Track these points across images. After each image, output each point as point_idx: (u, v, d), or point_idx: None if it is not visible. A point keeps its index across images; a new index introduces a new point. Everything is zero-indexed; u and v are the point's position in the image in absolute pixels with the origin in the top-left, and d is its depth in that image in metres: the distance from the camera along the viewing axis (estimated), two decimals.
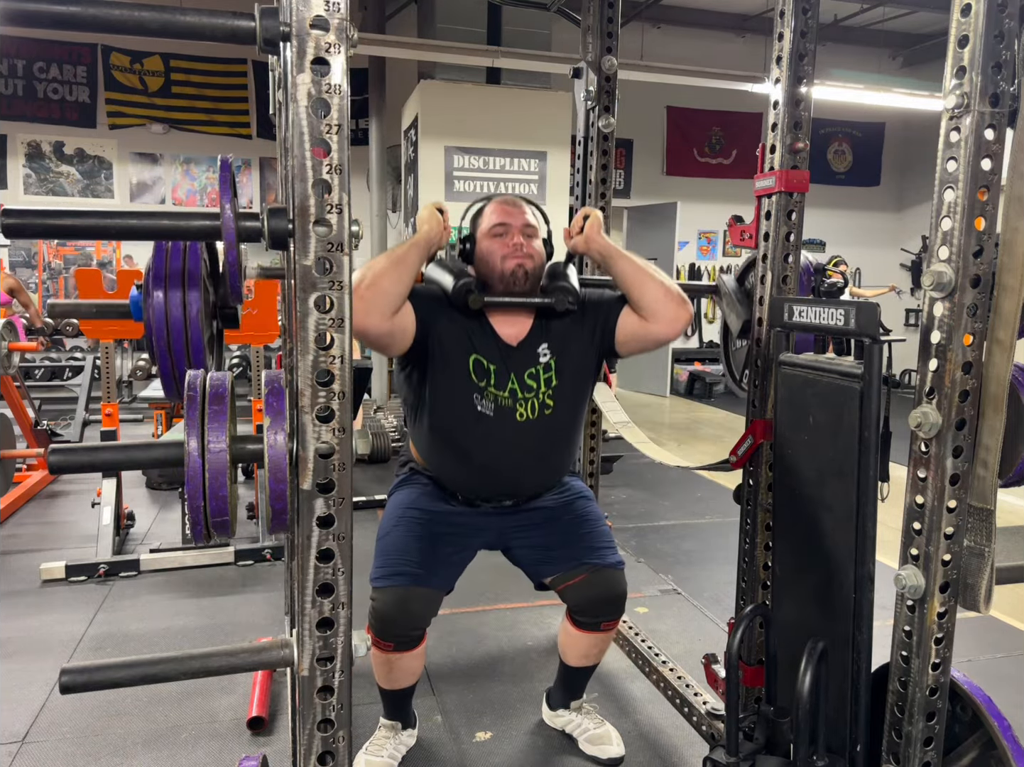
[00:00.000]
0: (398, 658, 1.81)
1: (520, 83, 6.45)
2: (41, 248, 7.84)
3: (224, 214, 0.91)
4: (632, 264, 1.76)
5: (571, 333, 1.80)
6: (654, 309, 1.72)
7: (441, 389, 1.76)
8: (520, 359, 1.77)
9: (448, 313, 1.74)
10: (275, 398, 0.97)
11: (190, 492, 0.94)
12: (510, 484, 1.86)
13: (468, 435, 1.78)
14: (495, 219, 1.79)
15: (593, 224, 1.81)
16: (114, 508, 3.42)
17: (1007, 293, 1.14)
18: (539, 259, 1.80)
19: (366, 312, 1.57)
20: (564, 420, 1.84)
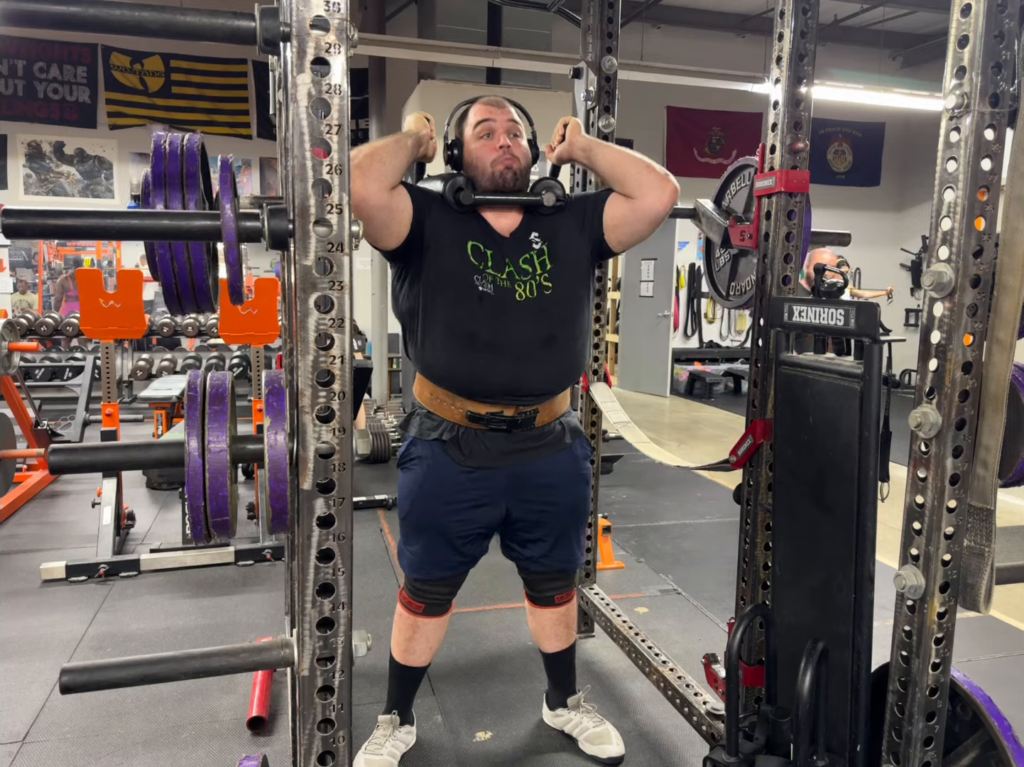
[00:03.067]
0: (425, 623, 1.94)
1: (520, 83, 6.44)
2: (41, 248, 7.84)
3: (224, 214, 0.91)
4: (614, 150, 1.83)
5: (560, 225, 1.85)
6: (638, 182, 1.76)
7: (441, 274, 1.77)
8: (514, 246, 1.81)
9: (442, 208, 1.78)
10: (275, 398, 0.97)
11: (190, 492, 0.94)
12: (517, 370, 1.78)
13: (471, 316, 1.76)
14: (479, 117, 1.83)
15: (573, 128, 1.88)
16: (114, 508, 3.42)
17: (1007, 293, 1.14)
18: (526, 159, 1.86)
19: (364, 179, 1.60)
20: (563, 302, 1.82)
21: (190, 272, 1.05)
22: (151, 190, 1.03)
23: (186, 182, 1.04)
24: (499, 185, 1.80)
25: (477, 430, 1.81)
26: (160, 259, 1.04)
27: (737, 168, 1.95)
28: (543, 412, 1.85)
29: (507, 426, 1.81)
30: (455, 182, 1.77)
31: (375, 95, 7.13)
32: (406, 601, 1.94)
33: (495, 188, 1.80)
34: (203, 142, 1.11)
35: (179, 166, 1.05)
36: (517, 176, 1.82)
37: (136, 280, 3.69)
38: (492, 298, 1.76)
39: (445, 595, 1.95)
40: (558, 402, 1.90)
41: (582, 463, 1.96)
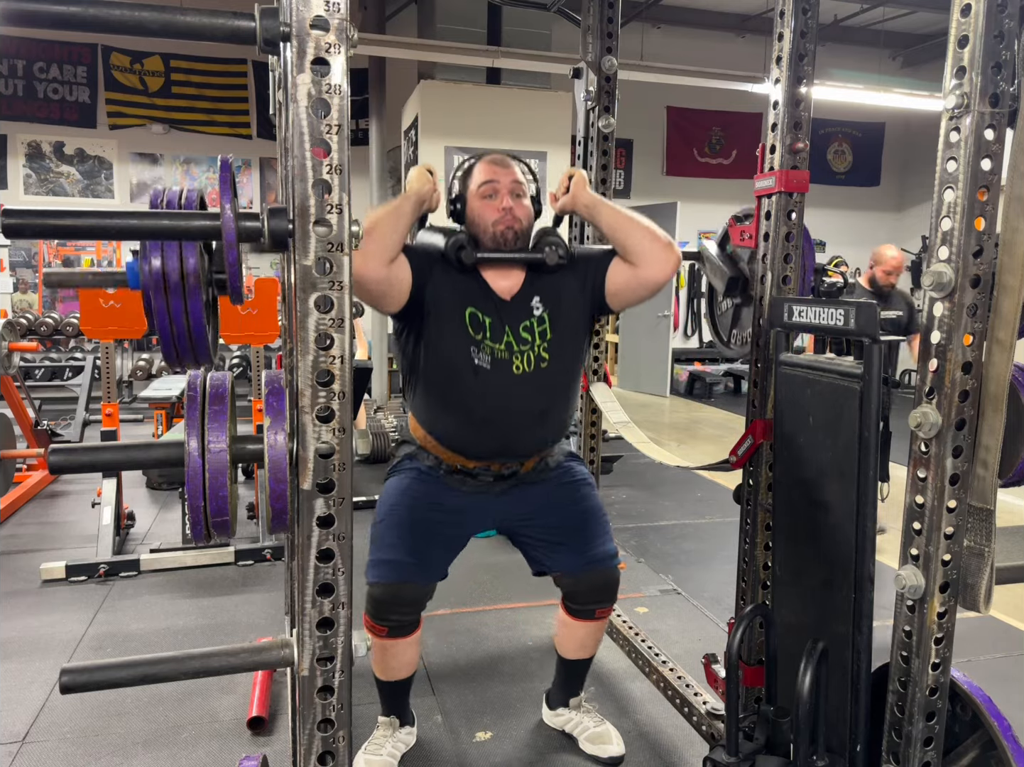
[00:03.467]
0: (392, 644, 1.85)
1: (520, 83, 6.45)
2: (41, 248, 7.84)
3: (224, 214, 0.91)
4: (618, 212, 1.80)
5: (563, 287, 1.83)
6: (641, 251, 1.75)
7: (438, 344, 1.77)
8: (514, 312, 1.79)
9: (442, 268, 1.76)
10: (275, 398, 0.97)
11: (190, 492, 0.94)
12: (509, 439, 1.84)
13: (466, 389, 1.78)
14: (483, 177, 1.81)
15: (578, 181, 1.84)
16: (114, 508, 3.42)
17: (1007, 293, 1.14)
18: (528, 219, 1.83)
19: (362, 258, 1.58)
20: (560, 373, 1.84)
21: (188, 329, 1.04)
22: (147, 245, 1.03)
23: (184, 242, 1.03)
24: (500, 244, 1.78)
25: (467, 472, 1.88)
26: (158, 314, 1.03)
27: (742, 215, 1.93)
28: (530, 462, 1.90)
29: (493, 478, 1.88)
30: (457, 240, 1.75)
31: (375, 95, 7.12)
32: (369, 625, 1.83)
33: (496, 247, 1.79)
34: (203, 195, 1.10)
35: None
36: (519, 236, 1.80)
37: None
38: (488, 372, 1.76)
39: (408, 616, 1.83)
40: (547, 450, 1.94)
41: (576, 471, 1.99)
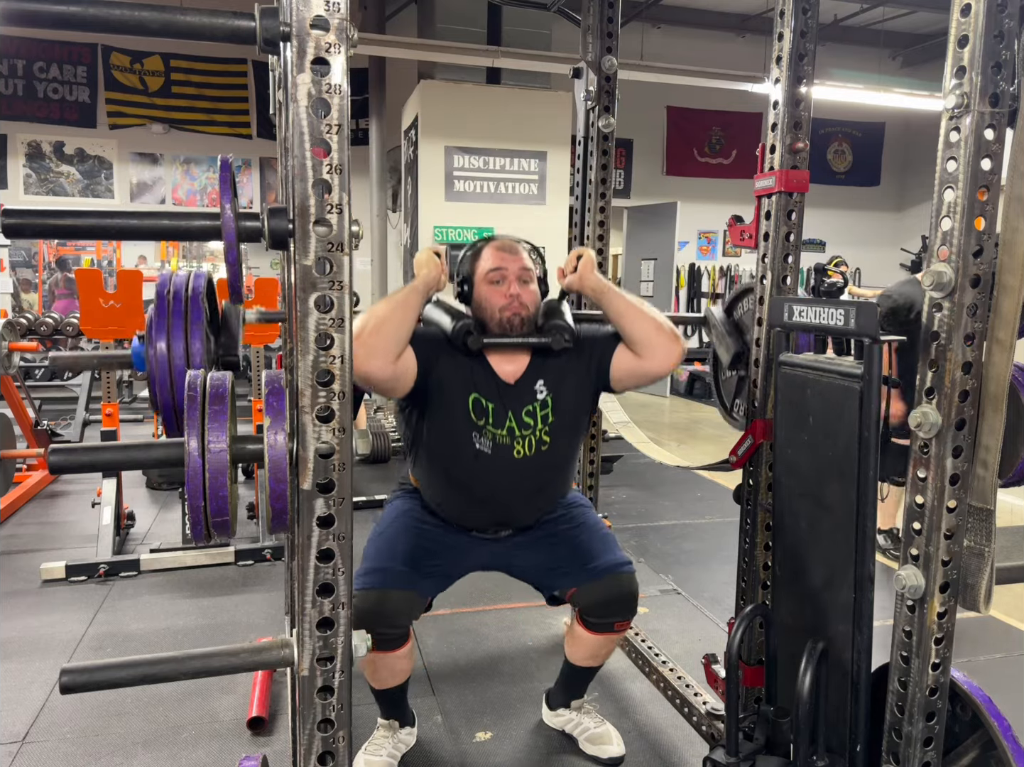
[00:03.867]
0: (380, 657, 1.81)
1: (520, 83, 6.45)
2: (41, 248, 7.85)
3: (224, 214, 0.91)
4: (624, 301, 1.78)
5: (567, 370, 1.83)
6: (647, 344, 1.75)
7: (441, 428, 1.80)
8: (517, 396, 1.80)
9: (447, 353, 1.77)
10: (275, 398, 0.97)
11: (190, 492, 0.94)
12: (507, 516, 1.90)
13: (466, 472, 1.82)
14: (491, 264, 1.80)
15: (586, 263, 1.82)
16: (114, 508, 3.42)
17: (1007, 293, 1.14)
18: (535, 305, 1.83)
19: (369, 357, 1.58)
20: (560, 455, 1.87)
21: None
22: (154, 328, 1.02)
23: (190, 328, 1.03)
24: (507, 330, 1.79)
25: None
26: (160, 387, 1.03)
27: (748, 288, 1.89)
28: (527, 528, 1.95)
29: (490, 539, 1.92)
30: (464, 326, 1.74)
31: (375, 95, 7.13)
32: None
33: (503, 332, 1.79)
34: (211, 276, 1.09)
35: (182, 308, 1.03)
36: (525, 322, 1.79)
37: (136, 280, 3.69)
38: (489, 457, 1.78)
39: (394, 629, 1.77)
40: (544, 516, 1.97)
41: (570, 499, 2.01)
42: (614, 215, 2.52)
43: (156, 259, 8.08)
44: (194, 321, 1.03)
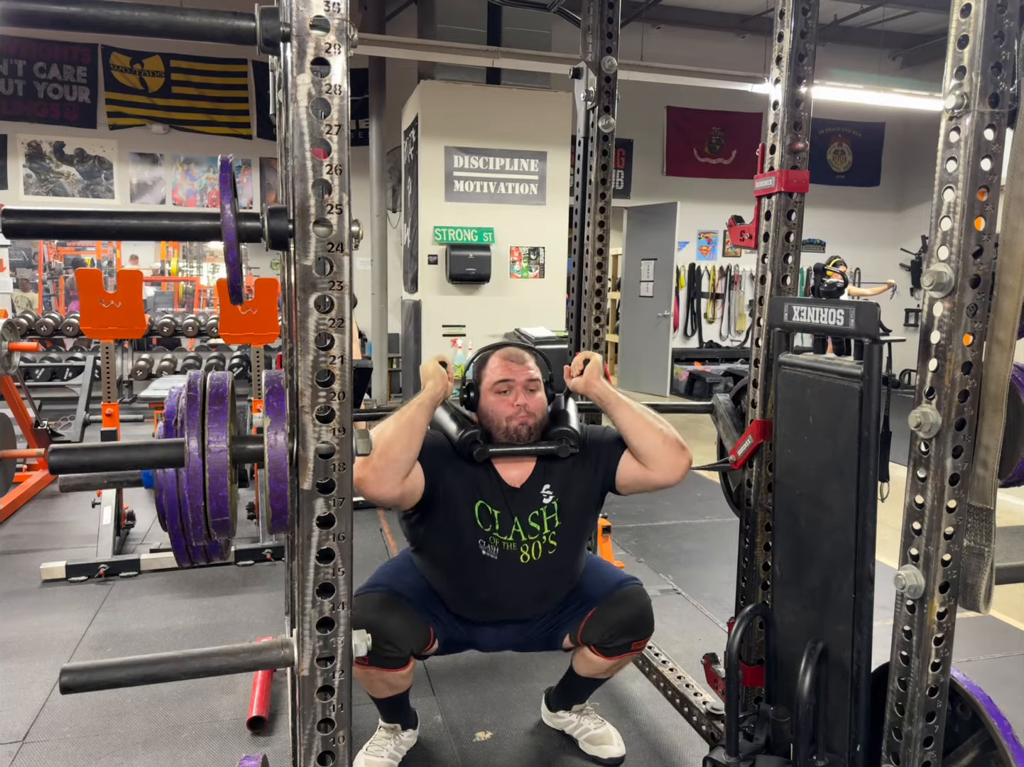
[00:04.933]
0: (378, 673, 1.80)
1: (520, 83, 6.45)
2: (41, 248, 7.84)
3: (224, 214, 0.91)
4: (630, 412, 1.79)
5: (574, 475, 1.83)
6: (652, 456, 1.76)
7: (447, 535, 1.80)
8: (523, 501, 1.80)
9: (453, 462, 1.77)
10: (275, 398, 0.97)
11: (190, 492, 0.94)
12: (512, 615, 1.89)
13: (472, 576, 1.82)
14: (499, 375, 1.81)
15: (592, 369, 1.83)
16: (114, 508, 3.42)
17: (1007, 293, 1.14)
18: (542, 412, 1.83)
19: (379, 482, 1.60)
20: (567, 557, 1.86)
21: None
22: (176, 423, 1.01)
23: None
24: (513, 439, 1.79)
25: None
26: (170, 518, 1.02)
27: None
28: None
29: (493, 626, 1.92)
30: (470, 435, 1.75)
31: (375, 95, 7.12)
32: None
33: (509, 441, 1.79)
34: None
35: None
36: (532, 431, 1.80)
37: (136, 280, 3.68)
38: (495, 563, 1.79)
39: (390, 652, 1.74)
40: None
41: None
42: (614, 215, 2.52)
43: (156, 259, 8.08)
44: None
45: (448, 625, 1.87)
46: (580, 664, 1.98)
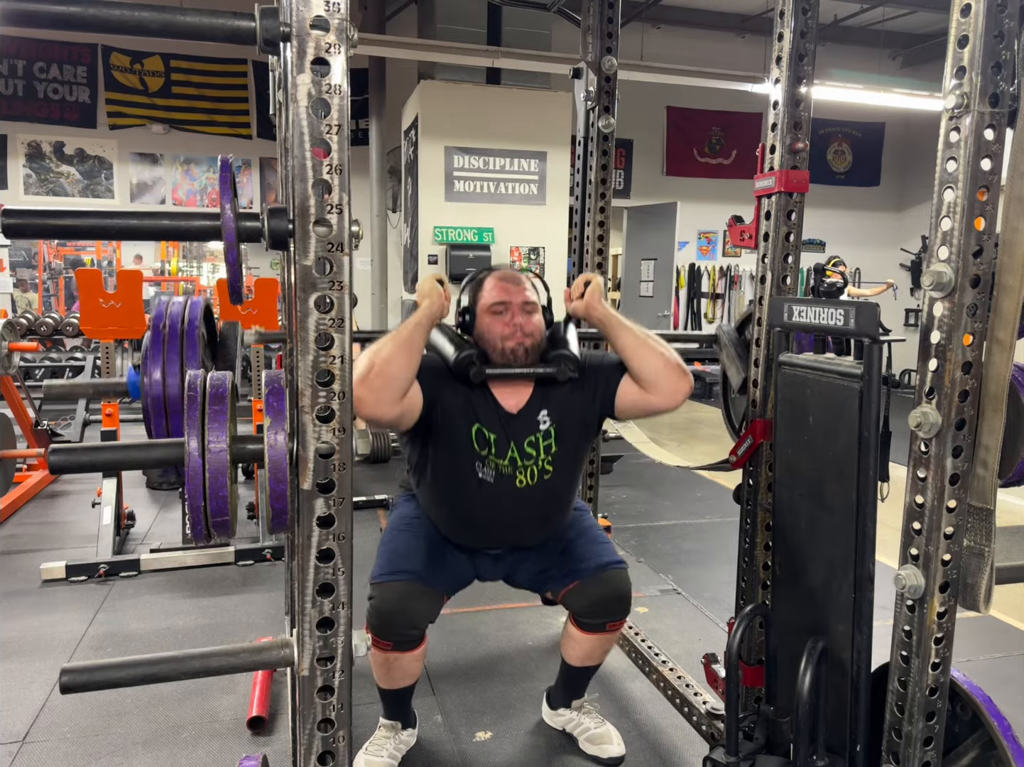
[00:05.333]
0: (396, 658, 1.81)
1: (520, 83, 6.45)
2: (41, 248, 7.85)
3: (224, 214, 0.91)
4: (632, 334, 1.76)
5: (571, 399, 1.82)
6: (653, 380, 1.74)
7: (444, 457, 1.80)
8: (520, 427, 1.79)
9: (450, 384, 1.76)
10: (275, 398, 0.97)
11: (190, 492, 0.94)
12: (510, 541, 1.91)
13: (469, 499, 1.82)
14: (495, 296, 1.79)
15: (593, 292, 1.80)
16: (114, 508, 3.42)
17: (1007, 293, 1.14)
18: (538, 335, 1.81)
19: (376, 402, 1.58)
20: (563, 483, 1.87)
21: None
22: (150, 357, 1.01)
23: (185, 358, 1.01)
24: (510, 361, 1.77)
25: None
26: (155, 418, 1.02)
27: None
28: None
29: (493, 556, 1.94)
30: (466, 357, 1.73)
31: (375, 95, 7.13)
32: (373, 639, 1.77)
33: (505, 362, 1.77)
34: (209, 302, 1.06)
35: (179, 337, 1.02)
36: (529, 352, 1.78)
37: (136, 280, 3.69)
38: (491, 486, 1.78)
39: (413, 630, 1.78)
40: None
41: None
42: (614, 215, 2.52)
43: (156, 259, 8.09)
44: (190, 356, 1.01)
45: (453, 564, 1.87)
46: (567, 647, 2.01)
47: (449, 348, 1.76)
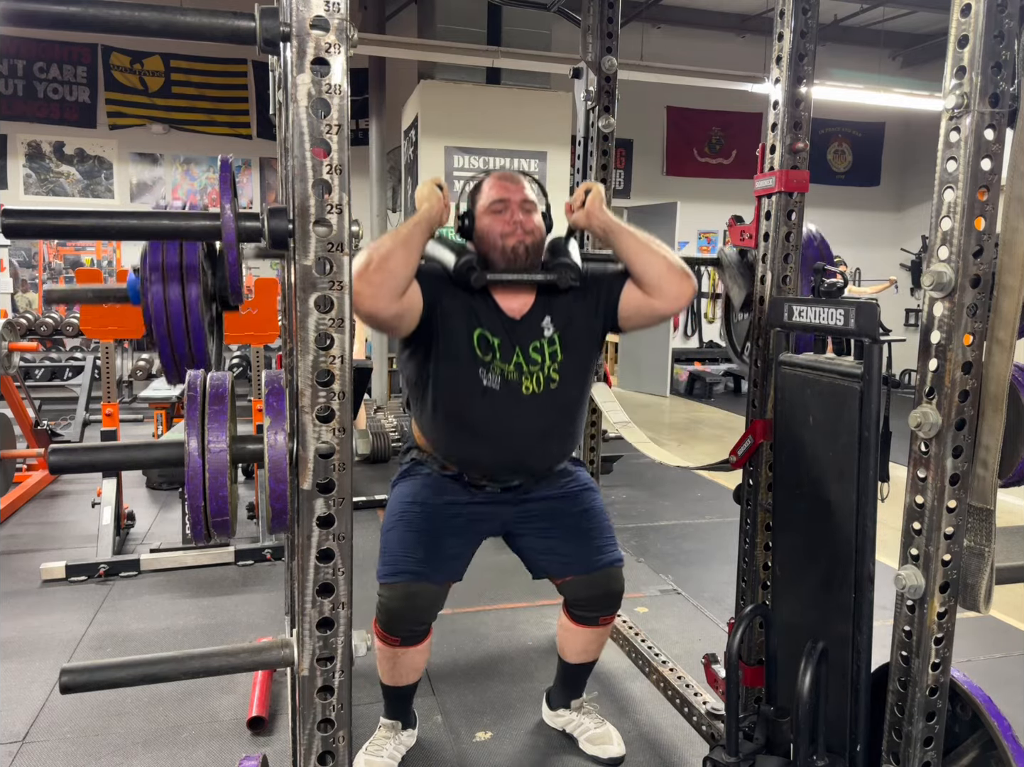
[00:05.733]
0: (404, 652, 1.83)
1: (520, 83, 6.45)
2: (41, 248, 7.84)
3: (224, 214, 0.91)
4: (634, 239, 1.75)
5: (574, 308, 1.78)
6: (657, 284, 1.72)
7: (447, 365, 1.74)
8: (524, 332, 1.75)
9: (451, 290, 1.72)
10: (275, 398, 0.97)
11: (190, 492, 0.94)
12: (517, 459, 1.82)
13: (475, 410, 1.75)
14: (493, 195, 1.76)
15: (594, 198, 1.78)
16: (114, 508, 3.42)
17: (1007, 293, 1.14)
18: (539, 234, 1.78)
19: (375, 296, 1.54)
20: (569, 394, 1.81)
21: (188, 337, 1.03)
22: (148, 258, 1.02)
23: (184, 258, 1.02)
24: (511, 261, 1.74)
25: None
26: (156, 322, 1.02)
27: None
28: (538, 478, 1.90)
29: (500, 490, 1.86)
30: (467, 262, 1.70)
31: (375, 95, 7.13)
32: (381, 635, 1.81)
33: (507, 264, 1.74)
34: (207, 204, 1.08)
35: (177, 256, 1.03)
36: (529, 251, 1.74)
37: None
38: (497, 393, 1.74)
39: (420, 625, 1.82)
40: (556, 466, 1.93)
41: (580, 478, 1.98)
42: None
43: None
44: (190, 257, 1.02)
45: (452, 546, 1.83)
46: (563, 641, 2.03)
47: (449, 255, 1.73)
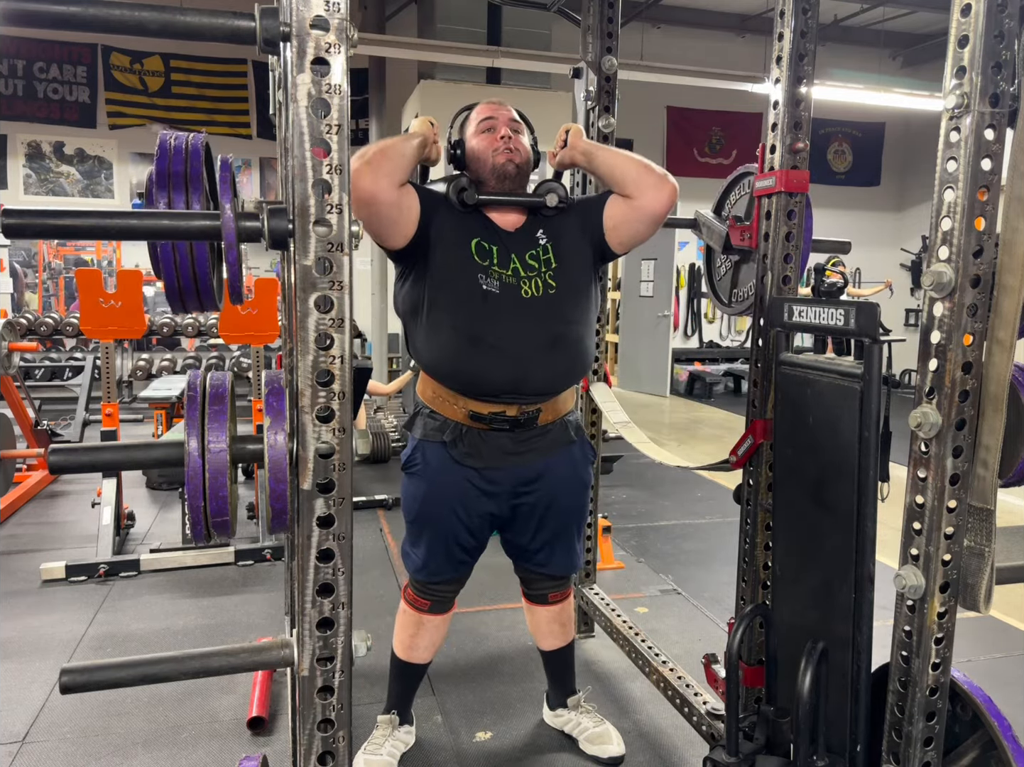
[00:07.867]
0: (429, 620, 1.96)
1: (520, 83, 6.45)
2: (41, 248, 7.84)
3: (224, 214, 0.91)
4: (611, 151, 1.87)
5: (564, 228, 1.85)
6: (636, 182, 1.77)
7: (446, 273, 1.77)
8: (519, 241, 1.81)
9: (446, 209, 1.79)
10: (275, 398, 0.97)
11: (190, 492, 0.94)
12: (521, 370, 1.77)
13: (476, 316, 1.75)
14: (481, 115, 1.86)
15: (575, 132, 1.91)
16: (114, 508, 3.42)
17: (1007, 293, 1.14)
18: (527, 154, 1.87)
19: (376, 176, 1.59)
20: (569, 302, 1.82)
21: (193, 269, 1.04)
22: (154, 188, 1.03)
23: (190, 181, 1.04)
24: (501, 179, 1.81)
25: (480, 430, 1.81)
26: (163, 254, 1.03)
27: (737, 176, 1.95)
28: (546, 411, 1.84)
29: (509, 426, 1.80)
30: (459, 182, 1.78)
31: (375, 95, 7.13)
32: (411, 598, 1.96)
33: (498, 183, 1.81)
34: (208, 142, 1.10)
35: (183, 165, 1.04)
36: (519, 169, 1.83)
37: (136, 280, 3.69)
38: (497, 297, 1.75)
39: (451, 592, 1.97)
40: (562, 400, 1.88)
41: (583, 466, 1.96)
42: None
43: None
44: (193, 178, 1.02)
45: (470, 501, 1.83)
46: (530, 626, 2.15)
47: (441, 184, 1.82)
